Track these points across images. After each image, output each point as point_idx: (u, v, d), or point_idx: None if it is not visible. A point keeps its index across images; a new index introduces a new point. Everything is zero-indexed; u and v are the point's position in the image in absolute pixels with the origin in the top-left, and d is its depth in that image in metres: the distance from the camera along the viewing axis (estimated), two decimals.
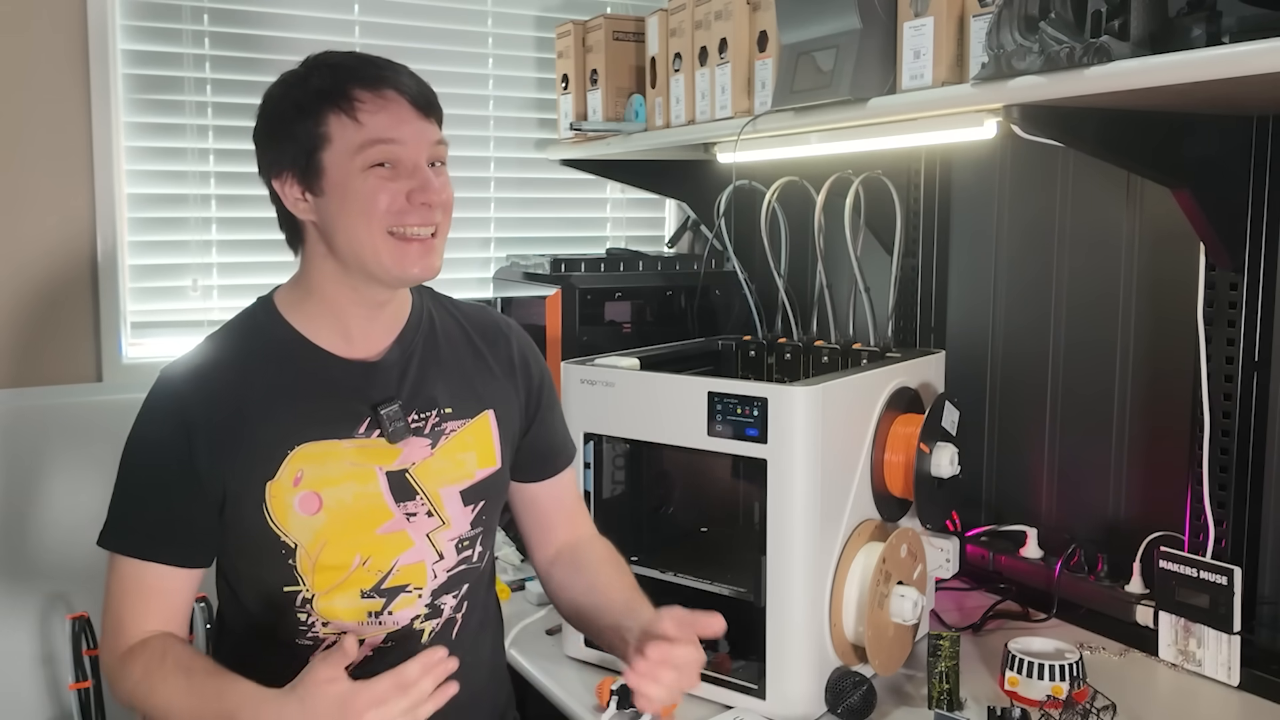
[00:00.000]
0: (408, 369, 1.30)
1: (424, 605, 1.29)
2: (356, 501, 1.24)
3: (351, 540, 1.25)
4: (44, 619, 1.99)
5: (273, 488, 1.22)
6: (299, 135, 1.20)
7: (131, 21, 2.05)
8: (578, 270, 2.09)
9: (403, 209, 1.21)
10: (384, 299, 1.29)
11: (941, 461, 1.53)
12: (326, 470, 1.23)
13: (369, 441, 1.25)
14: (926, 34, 1.39)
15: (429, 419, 1.29)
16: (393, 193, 1.20)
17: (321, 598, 1.25)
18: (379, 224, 1.20)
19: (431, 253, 1.24)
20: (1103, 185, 1.77)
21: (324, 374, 1.26)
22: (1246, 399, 1.52)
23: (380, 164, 1.19)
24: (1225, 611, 1.48)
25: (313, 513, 1.23)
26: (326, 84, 1.20)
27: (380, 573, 1.26)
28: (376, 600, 1.26)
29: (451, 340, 1.36)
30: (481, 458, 1.34)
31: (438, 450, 1.29)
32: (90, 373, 2.04)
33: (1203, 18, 1.10)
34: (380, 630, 1.27)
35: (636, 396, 1.51)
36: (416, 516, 1.28)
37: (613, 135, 2.08)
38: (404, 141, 1.20)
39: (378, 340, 1.30)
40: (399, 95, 1.21)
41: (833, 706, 1.41)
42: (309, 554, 1.23)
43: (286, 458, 1.22)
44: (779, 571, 1.39)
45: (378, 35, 2.26)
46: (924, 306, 2.06)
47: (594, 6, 2.42)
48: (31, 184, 1.96)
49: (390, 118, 1.20)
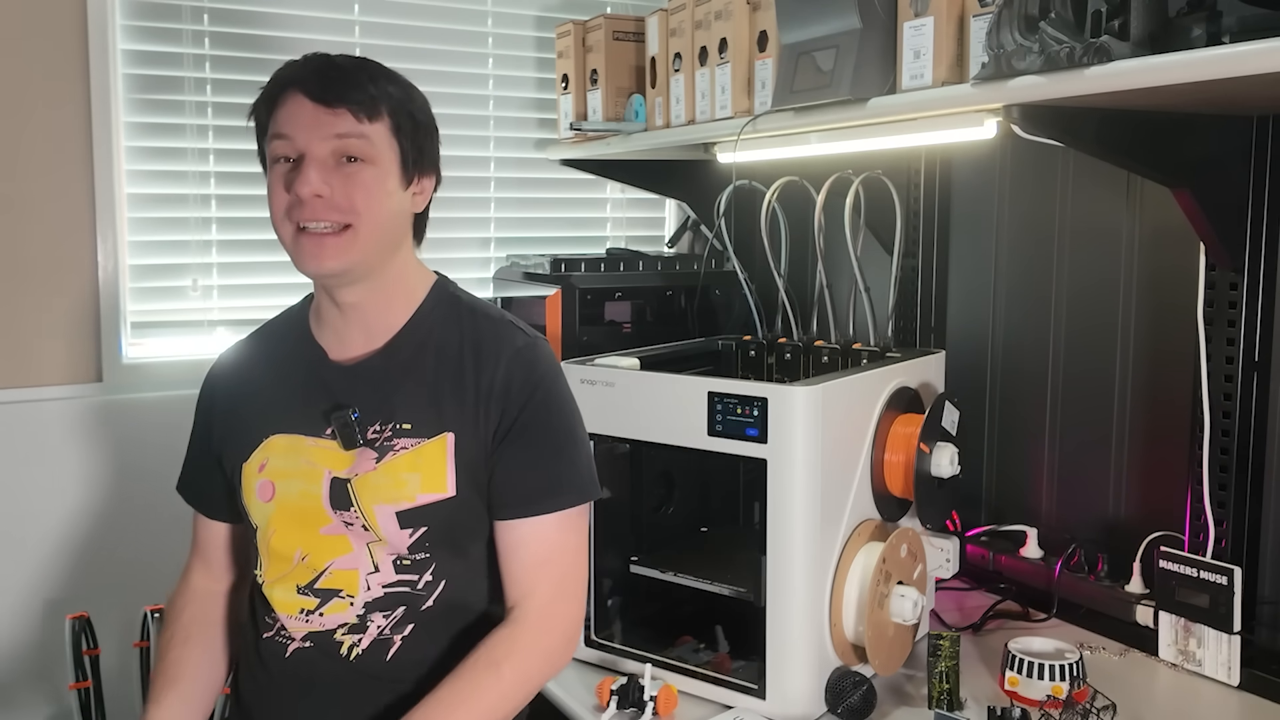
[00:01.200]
0: (383, 378, 1.29)
1: (353, 615, 1.27)
2: (300, 500, 1.29)
3: (295, 534, 1.29)
4: (44, 619, 1.99)
5: (246, 469, 1.32)
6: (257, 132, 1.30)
7: (131, 21, 2.05)
8: (578, 270, 2.09)
9: (289, 204, 1.24)
10: (346, 299, 1.29)
11: (941, 461, 1.53)
12: (285, 463, 1.30)
13: (328, 444, 1.28)
14: (926, 34, 1.39)
15: (383, 433, 1.27)
16: (280, 188, 1.24)
17: (268, 585, 1.31)
18: (280, 219, 1.25)
19: (327, 248, 1.22)
20: (1103, 185, 1.77)
21: (315, 372, 1.33)
22: (1246, 399, 1.52)
23: (282, 159, 1.24)
24: (1225, 611, 1.48)
25: (266, 500, 1.31)
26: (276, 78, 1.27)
27: (315, 571, 1.29)
28: (311, 599, 1.29)
29: (440, 355, 1.30)
30: (428, 482, 1.25)
31: (380, 465, 1.26)
32: (90, 373, 2.04)
33: (1203, 18, 1.10)
34: (305, 629, 1.29)
35: (636, 396, 1.51)
36: (353, 526, 1.27)
37: (613, 135, 2.08)
38: (291, 136, 1.23)
39: (357, 344, 1.32)
40: (298, 91, 1.23)
41: (833, 706, 1.41)
42: (264, 538, 1.32)
43: (260, 445, 1.32)
44: (779, 571, 1.39)
45: (378, 35, 2.26)
46: (924, 306, 2.06)
47: (594, 6, 2.42)
48: (31, 183, 1.96)
49: (287, 112, 1.23)
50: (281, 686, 1.31)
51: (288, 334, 1.39)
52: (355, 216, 1.23)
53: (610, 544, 1.60)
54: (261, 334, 1.43)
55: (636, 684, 1.43)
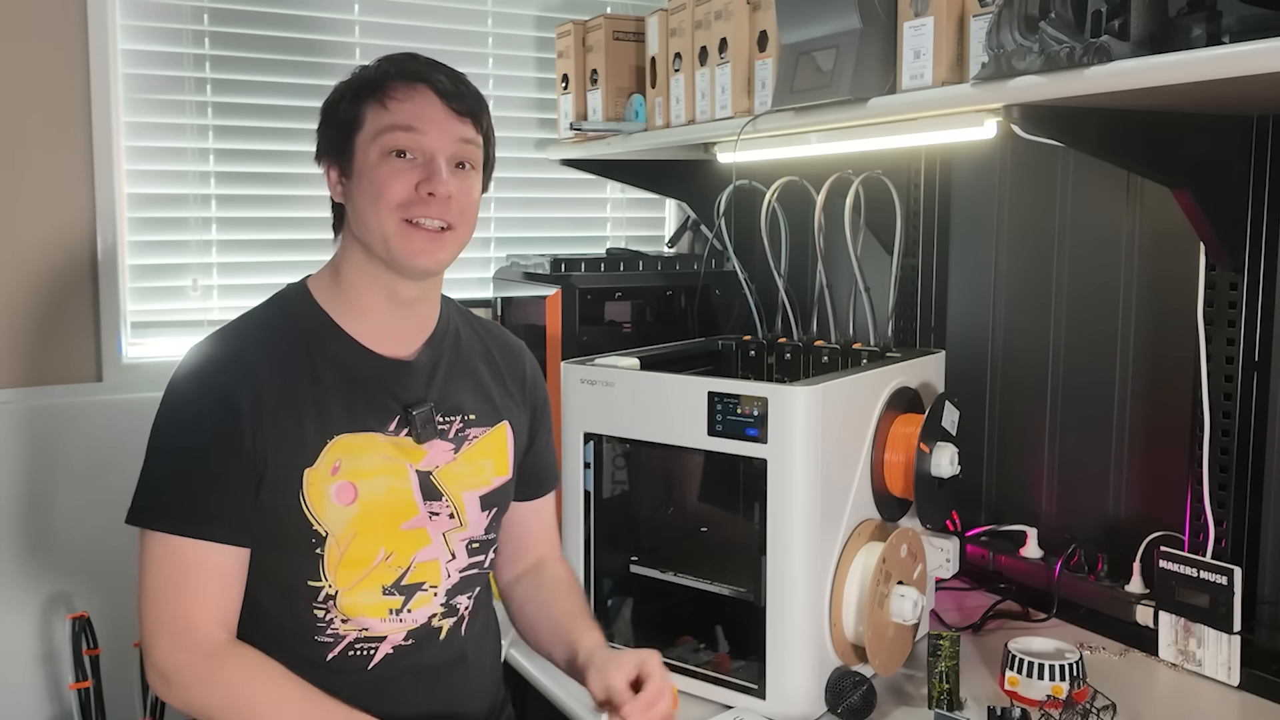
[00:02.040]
0: (435, 373, 1.33)
1: (439, 604, 1.31)
2: (388, 495, 1.26)
3: (379, 534, 1.26)
4: (44, 619, 1.99)
5: (310, 475, 1.22)
6: (340, 119, 1.26)
7: (131, 21, 2.05)
8: (578, 270, 2.09)
9: (411, 199, 1.23)
10: (408, 295, 1.30)
11: (941, 461, 1.53)
12: (362, 462, 1.25)
13: (400, 439, 1.28)
14: (926, 34, 1.39)
15: (454, 424, 1.33)
16: (405, 181, 1.23)
17: (345, 594, 1.25)
18: (388, 210, 1.23)
19: (438, 245, 1.25)
20: (1103, 185, 1.77)
21: (359, 366, 1.28)
22: (1246, 399, 1.52)
23: (399, 152, 1.23)
24: (1225, 611, 1.48)
25: (348, 503, 1.23)
26: (371, 74, 1.26)
27: (400, 569, 1.28)
28: (396, 598, 1.28)
29: (474, 352, 1.40)
30: (498, 466, 1.37)
31: (460, 455, 1.32)
32: (90, 373, 2.04)
33: (1203, 18, 1.10)
34: (401, 628, 1.29)
35: (636, 396, 1.51)
36: (439, 516, 1.31)
37: (613, 135, 2.08)
38: (423, 131, 1.23)
39: (408, 340, 1.32)
40: (429, 89, 1.24)
41: (833, 706, 1.41)
42: (338, 544, 1.23)
43: (326, 446, 1.23)
44: (779, 571, 1.39)
45: (378, 35, 2.26)
46: (924, 306, 2.06)
47: (594, 6, 2.42)
48: (32, 183, 1.96)
49: (415, 107, 1.23)
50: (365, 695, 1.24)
51: (304, 331, 1.27)
52: (460, 219, 1.27)
53: (610, 544, 1.60)
54: (262, 325, 1.29)
55: None
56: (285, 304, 1.31)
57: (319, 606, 1.24)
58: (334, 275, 1.31)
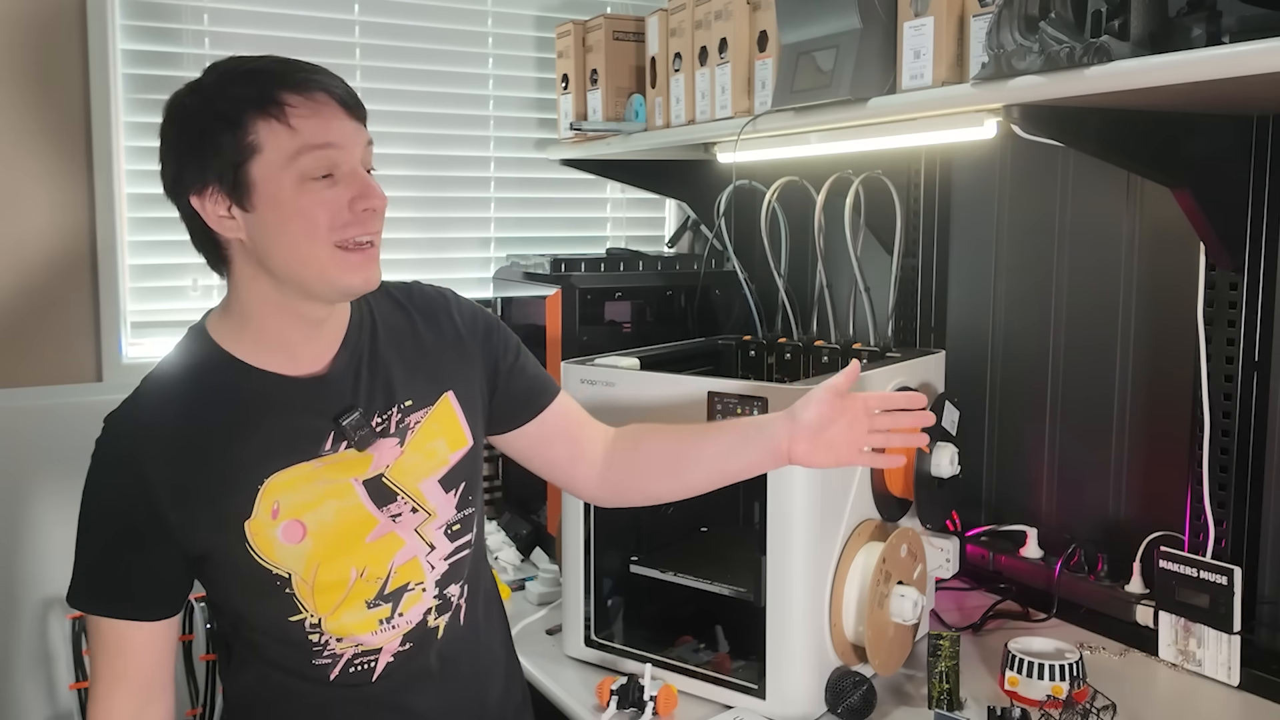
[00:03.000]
0: (359, 373, 1.25)
1: (432, 598, 1.28)
2: (339, 518, 1.21)
3: (343, 557, 1.21)
4: (44, 619, 1.99)
5: (251, 526, 1.17)
6: (224, 146, 1.12)
7: (131, 21, 2.05)
8: (578, 270, 2.09)
9: (346, 221, 1.14)
10: (322, 315, 1.22)
11: (941, 461, 1.53)
12: (301, 495, 1.18)
13: (338, 455, 1.21)
14: (926, 34, 1.39)
15: (391, 417, 1.25)
16: (333, 204, 1.13)
17: (329, 619, 1.22)
18: (323, 239, 1.12)
19: (373, 262, 1.18)
20: (1103, 185, 1.77)
21: (275, 398, 1.19)
22: (1246, 399, 1.52)
23: (319, 174, 1.12)
24: (1225, 611, 1.48)
25: (297, 541, 1.18)
26: (252, 90, 1.11)
27: (379, 579, 1.24)
28: (384, 607, 1.24)
29: (397, 331, 1.30)
30: (451, 441, 1.30)
31: (407, 446, 1.25)
32: (90, 373, 2.04)
33: (1203, 18, 1.10)
34: (395, 634, 1.26)
35: (636, 396, 1.51)
36: (401, 515, 1.25)
37: (613, 135, 2.08)
38: (341, 145, 1.13)
39: (323, 353, 1.23)
40: (329, 97, 1.13)
41: (833, 706, 1.41)
42: (305, 580, 1.20)
43: (259, 493, 1.17)
44: (779, 571, 1.39)
45: (378, 35, 2.26)
46: (924, 306, 2.06)
47: (594, 6, 2.42)
48: (31, 183, 1.96)
49: (323, 121, 1.12)
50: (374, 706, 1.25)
51: (206, 371, 1.20)
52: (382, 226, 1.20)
53: (610, 544, 1.60)
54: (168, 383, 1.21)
55: (636, 684, 1.43)
56: (190, 354, 1.23)
57: (311, 632, 1.22)
58: (236, 315, 1.22)
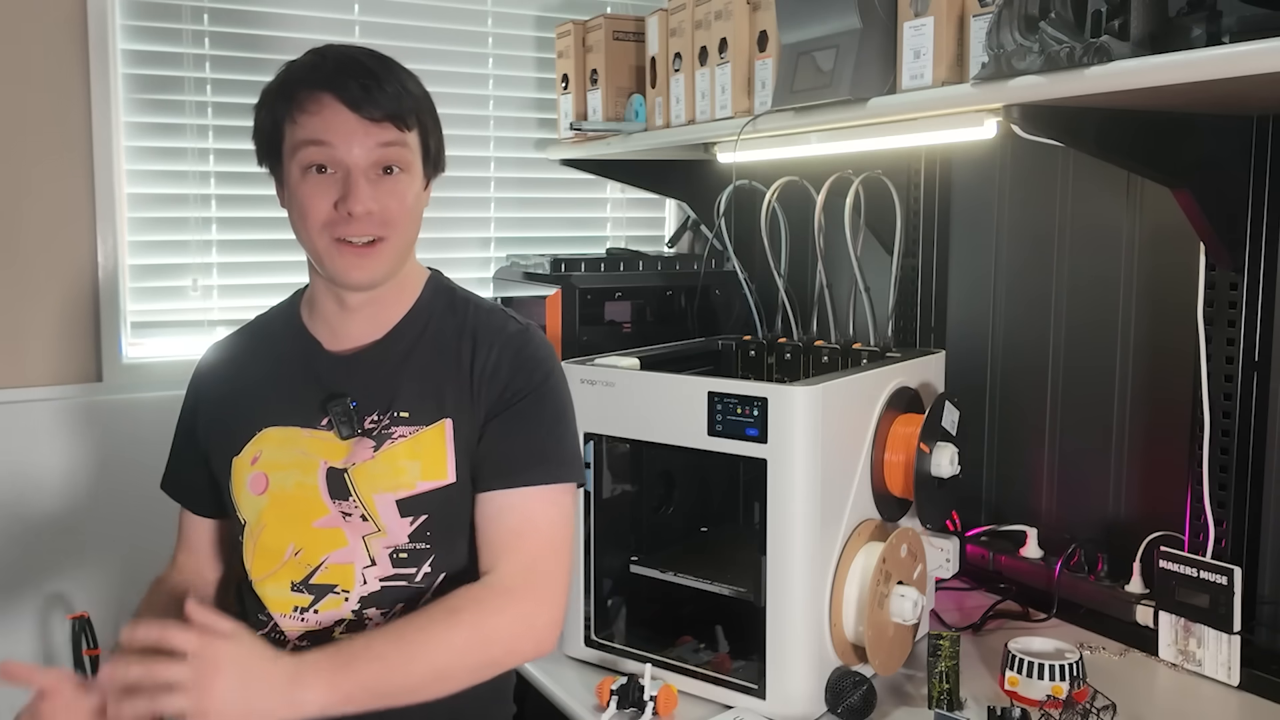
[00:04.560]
0: (380, 368, 1.29)
1: (349, 611, 1.27)
2: (296, 490, 1.27)
3: (287, 528, 1.27)
4: (44, 619, 1.99)
5: (236, 463, 1.31)
6: (265, 131, 1.26)
7: (131, 21, 2.05)
8: (578, 270, 2.09)
9: (332, 219, 1.20)
10: (353, 302, 1.29)
11: (941, 461, 1.53)
12: (279, 455, 1.29)
13: (324, 434, 1.27)
14: (926, 34, 1.39)
15: (381, 421, 1.27)
16: (325, 200, 1.21)
17: (258, 584, 1.30)
18: (316, 230, 1.22)
19: (368, 260, 1.22)
20: (1103, 185, 1.77)
21: (309, 364, 1.32)
22: (1246, 399, 1.52)
23: (318, 167, 1.20)
24: (1225, 611, 1.48)
25: (259, 493, 1.29)
26: (278, 83, 1.24)
27: (309, 566, 1.27)
28: (305, 595, 1.27)
29: (439, 344, 1.31)
30: (428, 469, 1.25)
31: (379, 454, 1.26)
32: (90, 373, 2.04)
33: (1203, 18, 1.10)
34: (301, 627, 1.27)
35: (636, 396, 1.51)
36: (351, 517, 1.26)
37: (613, 135, 2.08)
38: (333, 144, 1.19)
39: (359, 336, 1.32)
40: (335, 99, 1.18)
41: (833, 706, 1.41)
42: (252, 533, 1.29)
43: (252, 438, 1.30)
44: (779, 571, 1.39)
45: (378, 35, 2.26)
46: (924, 306, 2.06)
47: (594, 6, 2.42)
48: (32, 183, 1.96)
49: (322, 121, 1.19)
50: None
51: (279, 328, 1.38)
52: (390, 229, 1.23)
53: (610, 544, 1.60)
54: (251, 330, 1.42)
55: (636, 684, 1.43)
56: (280, 306, 1.42)
57: (250, 591, 1.32)
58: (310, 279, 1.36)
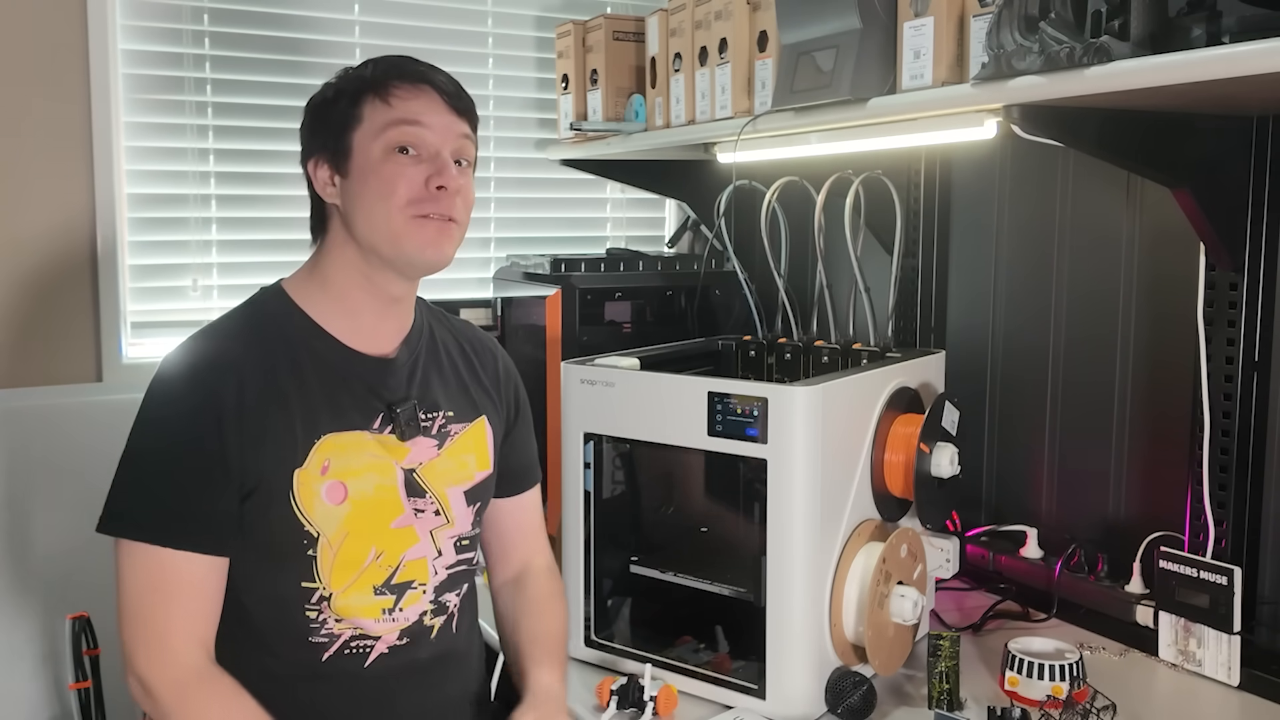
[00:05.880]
0: (415, 370, 1.34)
1: (429, 601, 1.32)
2: (377, 493, 1.27)
3: (370, 533, 1.27)
4: (44, 619, 1.99)
5: (301, 475, 1.21)
6: (334, 117, 1.26)
7: (131, 21, 2.05)
8: (578, 270, 2.09)
9: (421, 196, 1.24)
10: (397, 293, 1.31)
11: (941, 461, 1.52)
12: (351, 461, 1.25)
13: (385, 437, 1.29)
14: (926, 34, 1.39)
15: (435, 420, 1.34)
16: (411, 178, 1.24)
17: (339, 595, 1.24)
18: (398, 208, 1.24)
19: (446, 237, 1.27)
20: (1103, 185, 1.77)
21: (343, 365, 1.29)
22: (1246, 399, 1.52)
23: (403, 148, 1.24)
24: (1225, 611, 1.48)
25: (338, 502, 1.24)
26: (369, 73, 1.27)
27: (390, 568, 1.28)
28: (388, 597, 1.28)
29: (448, 349, 1.42)
30: (479, 460, 1.39)
31: (444, 451, 1.34)
32: (90, 373, 2.04)
33: (1203, 18, 1.10)
34: (395, 627, 1.29)
35: (636, 396, 1.51)
36: (424, 514, 1.31)
37: (613, 135, 2.08)
38: (429, 125, 1.25)
39: (388, 338, 1.33)
40: (432, 89, 1.27)
41: (833, 706, 1.41)
42: (330, 545, 1.23)
43: (315, 446, 1.22)
44: (779, 571, 1.39)
45: (378, 35, 2.26)
46: (924, 306, 2.06)
47: (594, 6, 2.42)
48: (31, 183, 1.96)
49: (419, 104, 1.26)
50: (361, 695, 1.27)
51: (285, 332, 1.27)
52: (464, 214, 1.29)
53: (610, 544, 1.60)
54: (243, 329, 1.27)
55: (636, 684, 1.43)
56: (263, 306, 1.30)
57: (312, 609, 1.24)
58: (316, 276, 1.31)
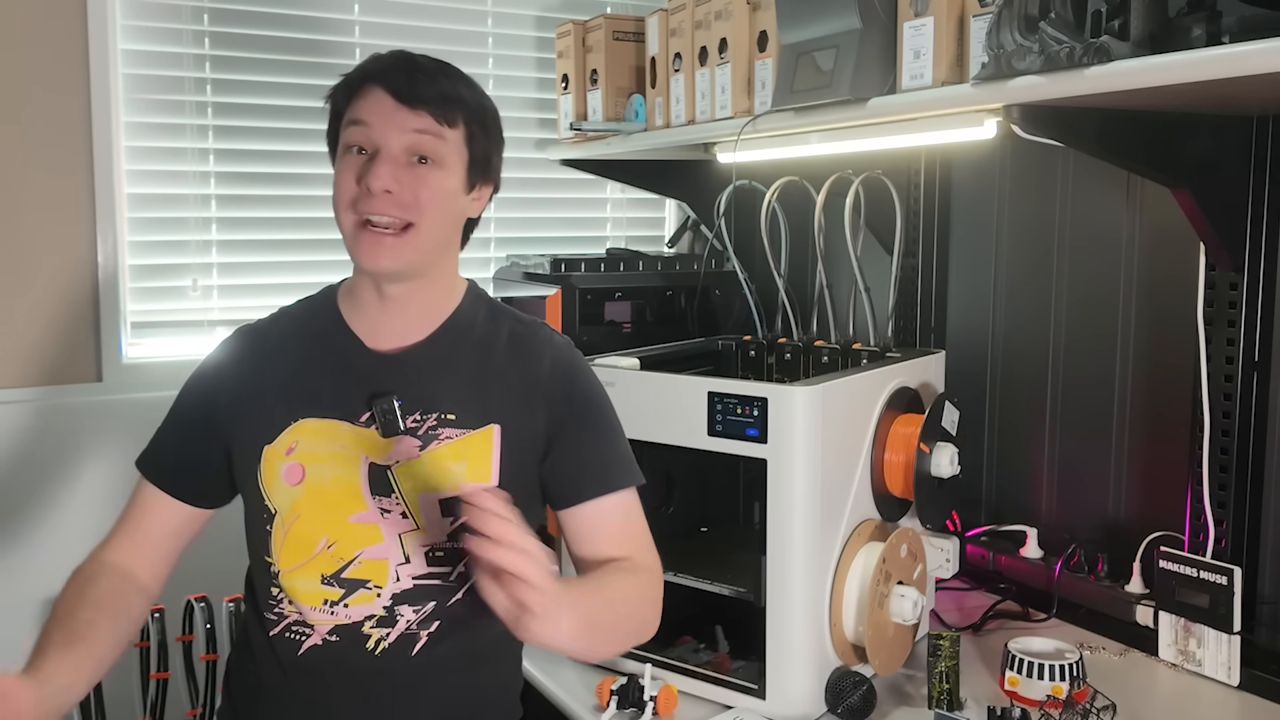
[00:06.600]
0: (424, 368, 1.31)
1: (380, 607, 1.27)
2: (334, 485, 1.27)
3: (321, 521, 1.27)
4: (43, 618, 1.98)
5: (268, 452, 1.29)
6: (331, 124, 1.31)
7: (131, 21, 2.05)
8: (578, 270, 2.09)
9: (355, 195, 1.23)
10: (393, 292, 1.30)
11: (941, 461, 1.53)
12: (317, 447, 1.28)
13: (366, 431, 1.28)
14: (926, 34, 1.39)
15: (426, 421, 1.28)
16: (350, 176, 1.24)
17: (285, 575, 1.28)
18: (344, 209, 1.25)
19: (382, 248, 1.23)
20: (1103, 185, 1.77)
21: (348, 359, 1.31)
22: (1246, 399, 1.52)
23: (358, 148, 1.24)
24: (1225, 611, 1.48)
25: (294, 483, 1.28)
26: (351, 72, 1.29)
27: (342, 560, 1.27)
28: (335, 589, 1.27)
29: (483, 349, 1.33)
30: (473, 471, 1.28)
31: (425, 454, 1.27)
32: (90, 373, 2.04)
33: (1203, 18, 1.10)
34: (331, 621, 1.27)
35: (636, 396, 1.51)
36: (390, 514, 1.27)
37: (613, 135, 2.08)
38: (370, 124, 1.23)
39: (402, 335, 1.32)
40: (379, 86, 1.24)
41: (833, 706, 1.41)
42: (283, 524, 1.28)
43: (289, 428, 1.29)
44: (779, 571, 1.39)
45: (378, 35, 2.26)
46: (924, 306, 2.06)
47: (594, 6, 2.42)
48: (32, 184, 1.96)
49: (365, 102, 1.24)
50: (294, 683, 1.29)
51: (315, 319, 1.35)
52: (418, 215, 1.24)
53: None
54: (282, 318, 1.38)
55: (636, 684, 1.43)
56: (315, 298, 1.40)
57: (274, 584, 1.29)
58: (354, 273, 1.35)
